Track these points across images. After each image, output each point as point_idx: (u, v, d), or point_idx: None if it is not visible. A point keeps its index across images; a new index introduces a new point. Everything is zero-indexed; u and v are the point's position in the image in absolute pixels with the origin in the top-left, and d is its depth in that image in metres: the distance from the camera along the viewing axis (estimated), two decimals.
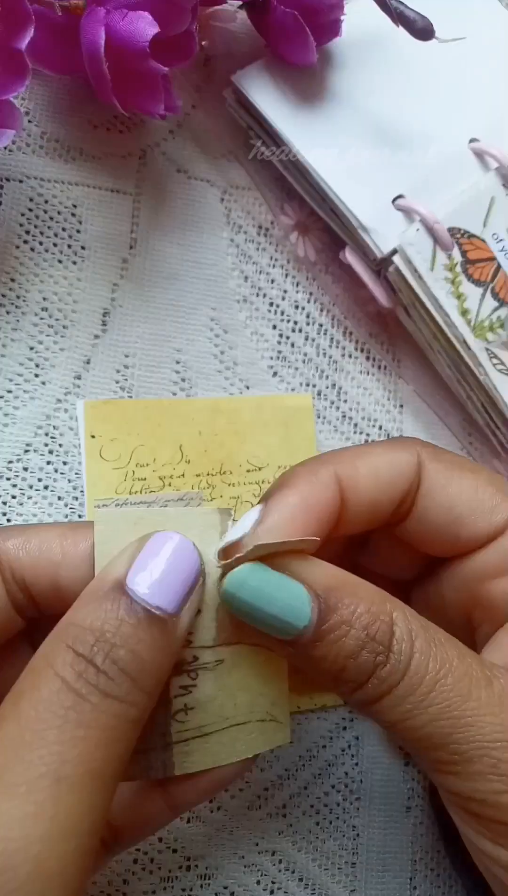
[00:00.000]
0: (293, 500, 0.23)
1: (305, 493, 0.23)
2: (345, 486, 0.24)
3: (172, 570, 0.21)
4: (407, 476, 0.25)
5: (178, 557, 0.21)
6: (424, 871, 0.34)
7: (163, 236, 0.35)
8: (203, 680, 0.23)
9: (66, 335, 0.33)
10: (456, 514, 0.25)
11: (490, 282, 0.36)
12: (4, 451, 0.31)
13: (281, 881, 0.33)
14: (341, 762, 0.34)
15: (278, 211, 0.37)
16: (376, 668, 0.21)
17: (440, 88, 0.37)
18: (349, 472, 0.24)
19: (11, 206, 0.33)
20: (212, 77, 0.37)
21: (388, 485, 0.24)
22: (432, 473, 0.25)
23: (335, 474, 0.24)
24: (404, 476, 0.25)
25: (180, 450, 0.33)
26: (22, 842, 0.17)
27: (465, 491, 0.25)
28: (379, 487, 0.24)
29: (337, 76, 0.36)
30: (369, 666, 0.21)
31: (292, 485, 0.23)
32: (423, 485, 0.25)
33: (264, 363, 0.36)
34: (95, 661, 0.19)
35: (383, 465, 0.24)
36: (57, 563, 0.22)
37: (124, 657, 0.19)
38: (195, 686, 0.23)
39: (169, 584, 0.20)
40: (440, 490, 0.25)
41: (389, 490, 0.24)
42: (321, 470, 0.24)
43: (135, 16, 0.28)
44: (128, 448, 0.32)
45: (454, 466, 0.25)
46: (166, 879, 0.31)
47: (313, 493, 0.23)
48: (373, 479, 0.24)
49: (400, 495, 0.25)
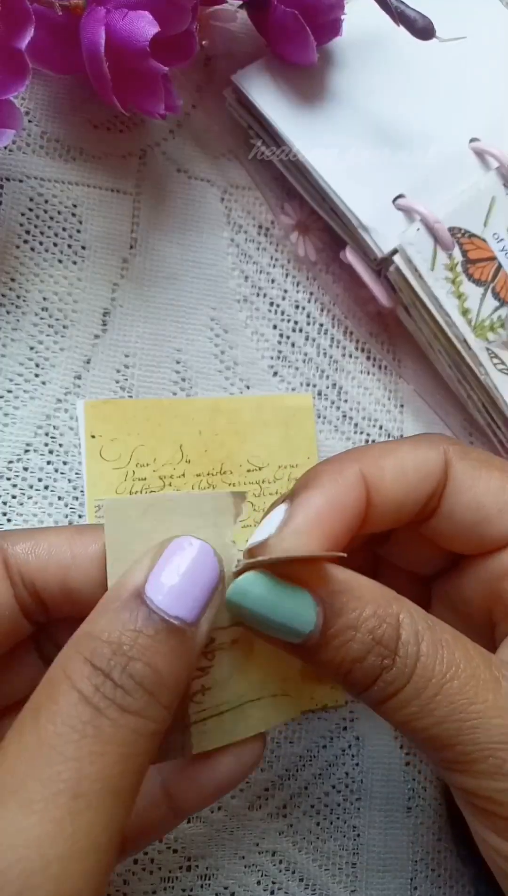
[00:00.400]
0: (319, 501, 0.22)
1: (330, 494, 0.23)
2: (371, 486, 0.23)
3: (191, 577, 0.20)
4: (434, 475, 0.24)
5: (198, 564, 0.20)
6: (424, 872, 0.34)
7: (163, 236, 0.35)
8: (219, 660, 0.23)
9: (66, 335, 0.33)
10: (483, 514, 0.24)
11: (491, 281, 0.36)
12: (4, 451, 0.31)
13: (281, 881, 0.33)
14: (341, 762, 0.34)
15: (279, 211, 0.37)
16: (382, 672, 0.21)
17: (441, 88, 0.37)
18: (375, 472, 0.24)
19: (11, 206, 0.33)
20: (212, 77, 0.37)
21: (415, 484, 0.24)
22: (459, 472, 0.24)
23: (360, 473, 0.23)
24: (431, 475, 0.24)
25: (181, 450, 0.33)
26: (40, 862, 0.17)
27: (493, 490, 0.24)
28: (406, 487, 0.24)
29: (337, 76, 0.36)
30: (375, 669, 0.21)
31: (317, 485, 0.23)
32: (450, 484, 0.24)
33: (265, 363, 0.36)
34: (113, 675, 0.19)
35: (410, 464, 0.24)
36: (67, 567, 0.22)
37: (142, 671, 0.19)
38: (212, 667, 0.23)
39: (188, 593, 0.20)
40: (468, 489, 0.24)
41: (415, 489, 0.24)
42: (347, 469, 0.23)
43: (135, 15, 0.28)
44: (128, 448, 0.32)
45: (482, 465, 0.25)
46: (166, 879, 0.31)
47: (338, 494, 0.23)
48: (400, 478, 0.24)
49: (427, 494, 0.24)
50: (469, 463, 0.25)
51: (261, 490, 0.33)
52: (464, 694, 0.20)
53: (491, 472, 0.25)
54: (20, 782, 0.17)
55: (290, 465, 0.34)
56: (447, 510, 0.25)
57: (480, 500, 0.24)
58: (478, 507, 0.24)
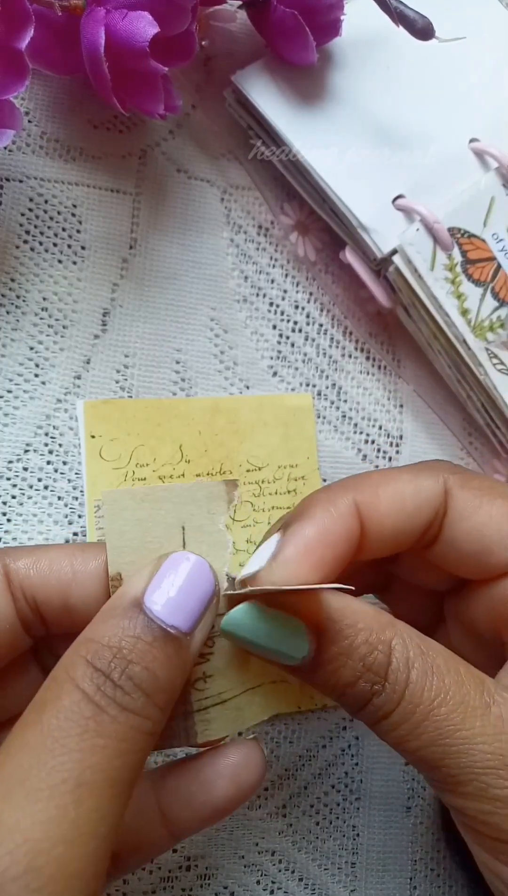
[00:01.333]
0: (309, 532, 0.23)
1: (322, 525, 0.23)
2: (366, 515, 0.24)
3: (187, 590, 0.21)
4: (432, 505, 0.24)
5: (194, 578, 0.22)
6: (424, 871, 0.34)
7: (163, 236, 0.35)
8: (219, 648, 0.24)
9: (66, 335, 0.33)
10: (486, 543, 0.24)
11: (490, 282, 0.36)
12: (4, 451, 0.31)
13: (281, 881, 0.33)
14: (341, 762, 0.34)
15: (278, 211, 0.37)
16: (372, 696, 0.21)
17: (441, 88, 0.37)
18: (371, 500, 0.24)
19: (11, 206, 0.33)
20: (212, 77, 0.37)
21: (412, 513, 0.24)
22: (459, 501, 0.25)
23: (354, 503, 0.24)
24: (429, 505, 0.24)
25: (180, 450, 0.33)
26: (46, 843, 0.17)
27: (494, 518, 0.24)
28: (403, 516, 0.24)
29: (337, 76, 0.36)
30: (366, 694, 0.21)
31: (309, 515, 0.23)
32: (450, 513, 0.25)
33: (264, 363, 0.36)
34: (113, 676, 0.20)
35: (408, 494, 0.24)
36: (67, 582, 0.23)
37: (140, 674, 0.20)
38: (212, 654, 0.24)
39: (184, 604, 0.21)
40: (468, 518, 0.24)
41: (413, 519, 0.24)
42: (340, 499, 0.24)
43: (135, 16, 0.28)
44: (128, 448, 0.32)
45: (483, 493, 0.25)
46: (166, 879, 0.31)
47: (330, 525, 0.23)
48: (397, 507, 0.24)
49: (425, 524, 0.25)
50: (470, 492, 0.25)
51: (260, 490, 0.33)
52: (451, 721, 0.21)
53: (494, 500, 0.25)
54: (26, 773, 0.18)
55: (289, 465, 0.34)
56: (448, 538, 0.25)
57: (481, 530, 0.24)
58: (480, 536, 0.24)
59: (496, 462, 0.39)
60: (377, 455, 0.37)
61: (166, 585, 0.21)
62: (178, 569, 0.22)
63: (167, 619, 0.21)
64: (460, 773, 0.21)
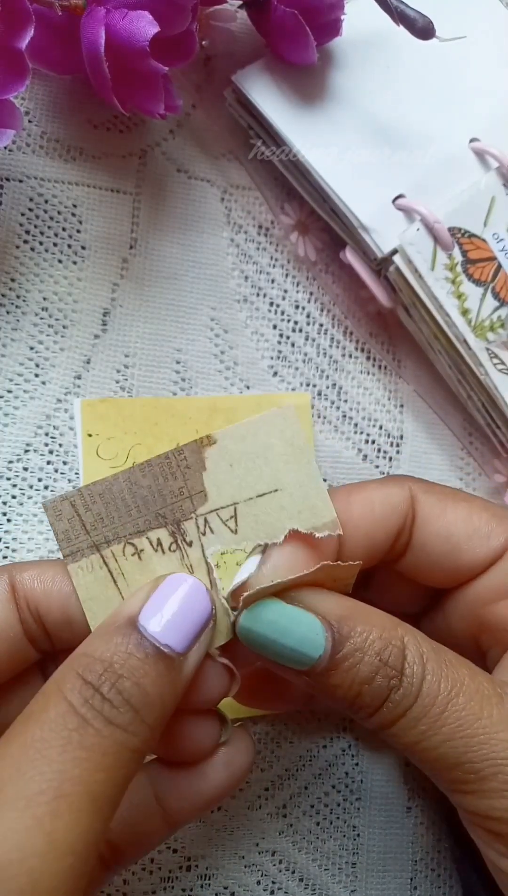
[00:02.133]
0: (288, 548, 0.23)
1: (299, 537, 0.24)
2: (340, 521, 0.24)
3: (183, 611, 0.21)
4: (401, 509, 0.25)
5: (190, 600, 0.22)
6: (424, 872, 0.34)
7: (163, 236, 0.35)
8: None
9: (66, 335, 0.33)
10: (454, 543, 0.25)
11: (491, 282, 0.36)
12: (4, 451, 0.31)
13: (281, 881, 0.33)
14: (341, 762, 0.34)
15: (279, 211, 0.37)
16: (390, 692, 0.21)
17: (441, 88, 0.37)
18: (343, 507, 0.24)
19: (11, 206, 0.33)
20: (212, 77, 0.37)
21: (382, 518, 0.25)
22: (426, 505, 0.25)
23: None
24: (398, 509, 0.25)
25: None
26: (17, 854, 0.17)
27: (460, 518, 0.25)
28: (374, 521, 0.25)
29: (337, 76, 0.36)
30: (383, 690, 0.21)
31: None
32: (418, 517, 0.25)
33: (265, 363, 0.36)
34: (102, 689, 0.20)
35: (377, 499, 0.25)
36: (69, 595, 0.23)
37: (130, 689, 0.20)
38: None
39: (179, 625, 0.21)
40: (436, 520, 0.25)
41: (384, 523, 0.25)
42: None
43: (135, 15, 0.28)
44: (125, 447, 0.32)
45: (446, 497, 0.26)
46: (166, 879, 0.31)
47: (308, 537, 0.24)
48: (368, 512, 0.25)
49: (396, 528, 0.25)
50: (435, 496, 0.26)
51: None
52: (470, 710, 0.21)
53: (457, 503, 0.26)
54: (4, 782, 0.18)
55: None
56: (418, 543, 0.25)
57: (449, 530, 0.25)
58: (448, 536, 0.25)
59: (496, 462, 0.38)
60: (378, 455, 0.37)
61: (162, 605, 0.21)
62: (175, 590, 0.22)
63: (161, 638, 0.21)
64: (483, 767, 0.20)
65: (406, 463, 0.37)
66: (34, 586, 0.23)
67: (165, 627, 0.21)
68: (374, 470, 0.37)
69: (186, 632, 0.21)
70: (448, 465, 0.38)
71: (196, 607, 0.22)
